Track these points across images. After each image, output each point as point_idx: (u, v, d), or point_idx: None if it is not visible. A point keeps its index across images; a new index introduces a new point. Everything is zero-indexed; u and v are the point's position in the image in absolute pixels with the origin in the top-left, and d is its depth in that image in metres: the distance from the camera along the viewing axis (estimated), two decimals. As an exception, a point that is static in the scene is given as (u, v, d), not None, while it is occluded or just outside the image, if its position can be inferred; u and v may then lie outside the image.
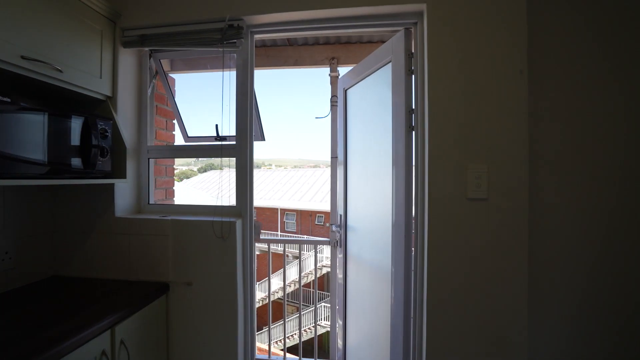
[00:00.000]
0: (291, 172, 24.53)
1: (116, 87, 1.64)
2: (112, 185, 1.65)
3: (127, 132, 1.70)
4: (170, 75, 2.74)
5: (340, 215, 2.24)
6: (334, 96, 2.51)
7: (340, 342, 2.32)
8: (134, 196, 1.78)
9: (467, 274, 1.38)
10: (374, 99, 1.88)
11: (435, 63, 1.42)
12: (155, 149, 1.84)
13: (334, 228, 2.27)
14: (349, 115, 2.20)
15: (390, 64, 1.70)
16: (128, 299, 1.45)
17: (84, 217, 1.68)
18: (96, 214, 1.66)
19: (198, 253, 1.59)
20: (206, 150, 1.77)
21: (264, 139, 1.97)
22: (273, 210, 19.76)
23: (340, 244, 2.25)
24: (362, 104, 2.02)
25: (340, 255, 2.30)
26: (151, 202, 1.87)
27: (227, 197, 1.76)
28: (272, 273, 18.66)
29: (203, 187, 24.51)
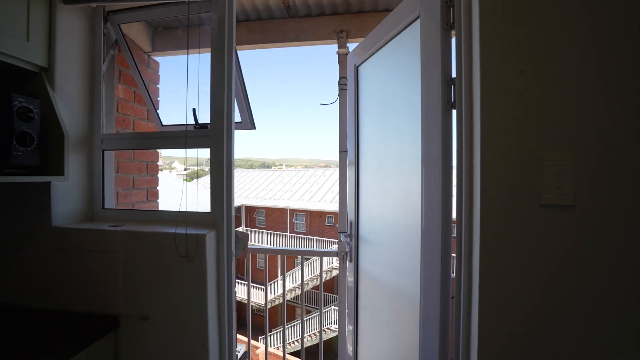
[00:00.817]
0: (301, 172, 24.17)
1: (54, 55, 1.24)
2: (48, 184, 1.25)
3: (70, 116, 1.31)
4: (153, 58, 2.36)
5: (351, 222, 1.80)
6: (342, 78, 2.07)
7: (350, 348, 1.89)
8: (82, 199, 1.38)
9: (541, 317, 0.92)
10: (396, 72, 1.43)
11: (492, 9, 0.96)
12: (112, 138, 1.43)
13: (342, 238, 1.83)
14: (361, 97, 1.76)
15: (418, 21, 1.25)
16: (61, 339, 1.05)
17: (11, 227, 1.28)
18: (27, 222, 1.27)
19: (156, 277, 1.18)
20: (171, 138, 1.35)
21: (253, 127, 1.55)
22: (282, 211, 19.39)
23: (350, 257, 1.81)
24: (379, 80, 1.58)
25: (349, 266, 1.86)
26: (108, 206, 1.46)
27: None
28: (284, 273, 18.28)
29: (212, 187, 24.40)
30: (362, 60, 1.72)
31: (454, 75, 1.09)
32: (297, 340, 15.43)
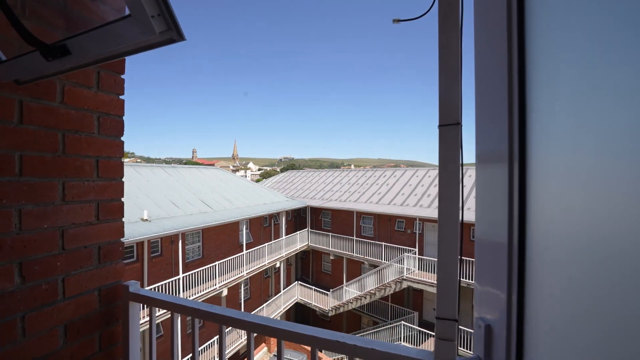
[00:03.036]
0: (369, 172, 22.84)
1: None
2: None
3: None
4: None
5: (488, 328, 0.59)
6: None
7: None
8: None
9: None
10: None
11: None
12: None
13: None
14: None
15: None
16: None
17: None
18: None
19: None
20: None
21: (173, 33, 0.50)
22: (349, 213, 18.33)
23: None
24: None
25: None
26: None
27: None
28: (348, 281, 17.25)
29: (279, 187, 24.59)
30: None
31: None
32: (363, 355, 14.19)
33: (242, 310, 14.14)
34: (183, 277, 10.85)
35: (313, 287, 17.98)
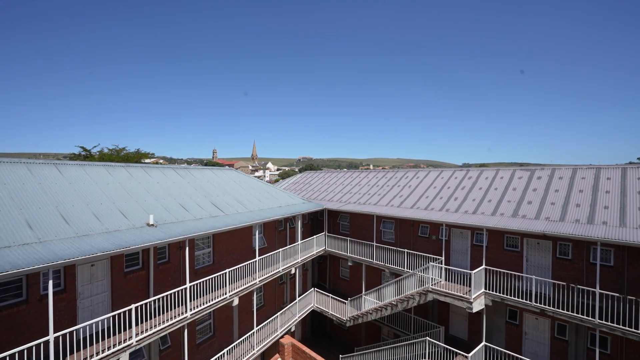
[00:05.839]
0: (389, 173, 21.63)
1: None
2: None
3: None
4: None
5: None
6: None
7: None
8: None
9: None
10: None
11: None
12: None
13: None
14: None
15: None
16: None
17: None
18: None
19: None
20: None
21: None
22: (368, 217, 17.26)
23: None
24: None
25: None
26: None
27: None
28: (367, 288, 16.23)
29: (296, 189, 23.80)
30: None
31: None
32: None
33: (255, 318, 13.37)
34: (191, 286, 10.18)
35: (330, 295, 17.03)
